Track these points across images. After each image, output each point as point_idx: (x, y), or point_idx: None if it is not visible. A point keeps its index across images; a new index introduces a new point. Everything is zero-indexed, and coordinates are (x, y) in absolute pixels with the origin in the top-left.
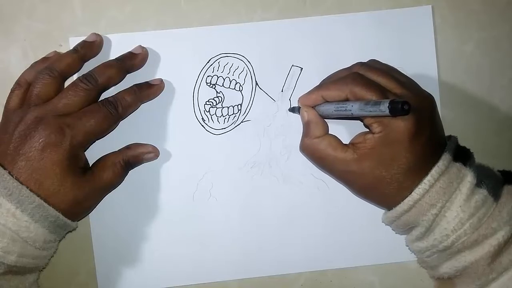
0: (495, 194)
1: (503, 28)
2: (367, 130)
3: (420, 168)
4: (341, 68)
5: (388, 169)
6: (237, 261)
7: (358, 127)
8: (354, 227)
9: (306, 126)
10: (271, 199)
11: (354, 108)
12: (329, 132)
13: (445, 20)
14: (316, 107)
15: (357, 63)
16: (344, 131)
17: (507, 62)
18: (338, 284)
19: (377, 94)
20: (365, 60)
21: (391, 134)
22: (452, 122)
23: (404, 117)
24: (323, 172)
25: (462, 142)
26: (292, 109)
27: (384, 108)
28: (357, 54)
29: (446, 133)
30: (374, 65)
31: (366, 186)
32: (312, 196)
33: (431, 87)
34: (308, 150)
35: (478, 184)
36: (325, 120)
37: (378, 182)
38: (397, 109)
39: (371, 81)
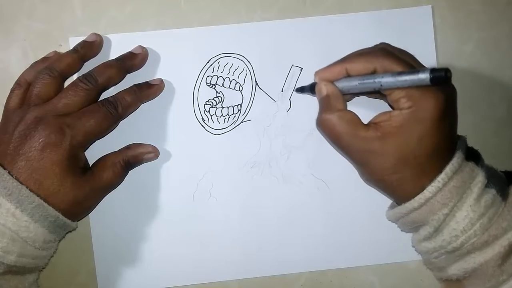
0: (503, 194)
1: (503, 28)
2: (385, 110)
3: (443, 154)
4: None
5: (414, 149)
6: (237, 261)
7: (370, 111)
8: (354, 227)
9: (325, 100)
10: (271, 199)
11: (385, 79)
12: None
13: (445, 20)
14: (335, 82)
15: (382, 42)
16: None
17: (507, 62)
18: (338, 284)
19: (408, 69)
20: None
21: (421, 110)
22: None
23: (434, 94)
24: (338, 152)
25: None
26: (301, 89)
27: (425, 75)
28: None
29: None
30: (398, 48)
31: (386, 168)
32: (312, 196)
33: None
34: (326, 125)
35: (487, 184)
36: None
37: (399, 163)
38: (439, 77)
39: (400, 57)
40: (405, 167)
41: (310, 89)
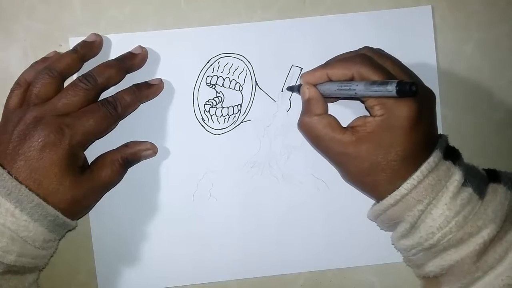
0: (481, 192)
1: (503, 28)
2: (367, 114)
3: (415, 158)
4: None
5: (385, 155)
6: (237, 261)
7: (357, 112)
8: (354, 227)
9: (307, 103)
10: (271, 199)
11: (359, 87)
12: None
13: (445, 20)
14: (318, 86)
15: (365, 46)
16: (342, 116)
17: (507, 62)
18: (338, 284)
19: (384, 77)
20: None
21: (392, 119)
22: (452, 122)
23: (407, 103)
24: (319, 154)
25: (462, 142)
26: (291, 88)
27: (392, 88)
28: None
29: (446, 133)
30: (381, 51)
31: (360, 171)
32: (312, 196)
33: (431, 87)
34: (306, 127)
35: (464, 182)
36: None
37: (373, 167)
38: (404, 90)
39: (378, 64)
40: (378, 171)
41: (297, 89)
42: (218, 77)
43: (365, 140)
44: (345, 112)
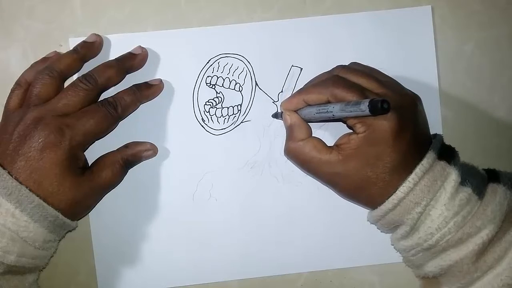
0: (480, 192)
1: (503, 28)
2: (351, 131)
3: (405, 166)
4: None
5: (373, 169)
6: (237, 261)
7: (342, 130)
8: (354, 227)
9: (290, 129)
10: (271, 199)
11: (335, 109)
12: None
13: (445, 20)
14: (299, 111)
15: (337, 66)
16: (328, 134)
17: (507, 62)
18: (338, 284)
19: (358, 95)
20: (363, 61)
21: (374, 133)
22: (452, 122)
23: (386, 116)
24: (309, 176)
25: (462, 142)
26: (275, 115)
27: (364, 107)
28: (356, 54)
29: (446, 133)
30: (354, 67)
31: (352, 187)
32: (312, 196)
33: (431, 88)
34: (292, 153)
35: (463, 182)
36: (309, 124)
37: (364, 182)
38: (376, 108)
39: (351, 82)
40: (370, 184)
41: (281, 115)
42: (218, 78)
43: (351, 158)
44: (334, 130)
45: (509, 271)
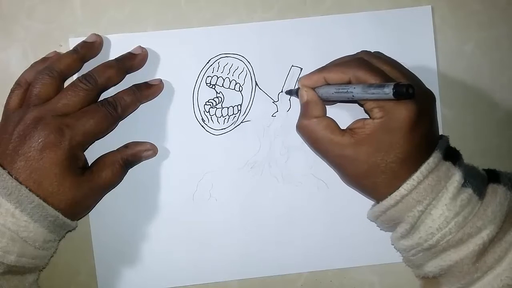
0: (480, 193)
1: (503, 28)
2: (366, 117)
3: (415, 160)
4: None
5: (384, 157)
6: (237, 261)
7: (356, 115)
8: (354, 227)
9: (305, 106)
10: (271, 199)
11: (356, 90)
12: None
13: (445, 20)
14: (316, 89)
15: (362, 50)
16: (341, 118)
17: (507, 62)
18: (338, 284)
19: (381, 79)
20: None
21: (391, 121)
22: (452, 122)
23: (406, 105)
24: (318, 156)
25: (462, 142)
26: (289, 92)
27: (389, 90)
28: None
29: (446, 133)
30: (379, 54)
31: (359, 173)
32: (312, 196)
33: (431, 87)
34: (305, 130)
35: (464, 183)
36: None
37: (372, 169)
38: (401, 92)
39: (375, 67)
40: (377, 173)
41: (296, 93)
42: (218, 78)
43: (364, 142)
44: (344, 115)
45: (509, 272)
